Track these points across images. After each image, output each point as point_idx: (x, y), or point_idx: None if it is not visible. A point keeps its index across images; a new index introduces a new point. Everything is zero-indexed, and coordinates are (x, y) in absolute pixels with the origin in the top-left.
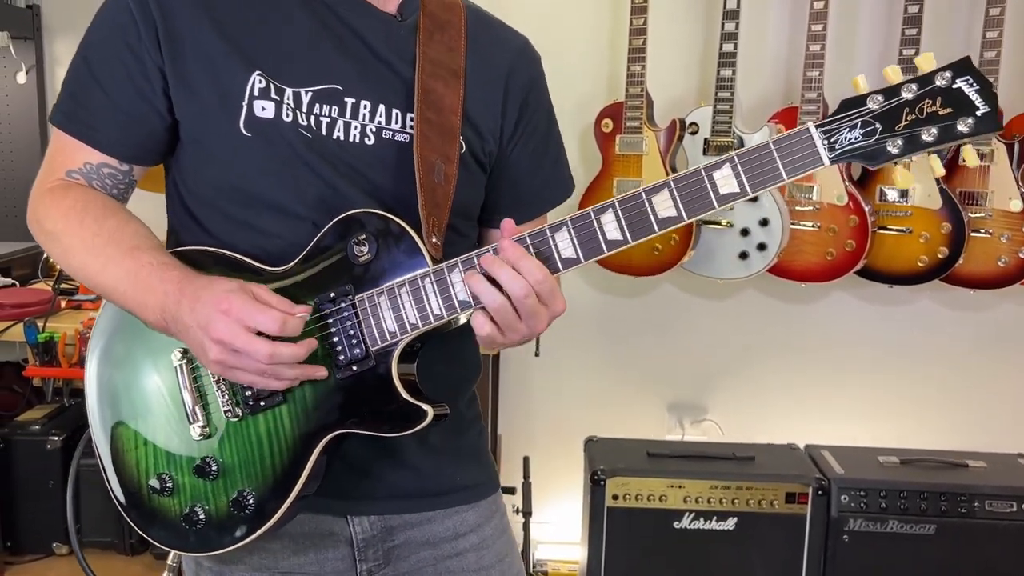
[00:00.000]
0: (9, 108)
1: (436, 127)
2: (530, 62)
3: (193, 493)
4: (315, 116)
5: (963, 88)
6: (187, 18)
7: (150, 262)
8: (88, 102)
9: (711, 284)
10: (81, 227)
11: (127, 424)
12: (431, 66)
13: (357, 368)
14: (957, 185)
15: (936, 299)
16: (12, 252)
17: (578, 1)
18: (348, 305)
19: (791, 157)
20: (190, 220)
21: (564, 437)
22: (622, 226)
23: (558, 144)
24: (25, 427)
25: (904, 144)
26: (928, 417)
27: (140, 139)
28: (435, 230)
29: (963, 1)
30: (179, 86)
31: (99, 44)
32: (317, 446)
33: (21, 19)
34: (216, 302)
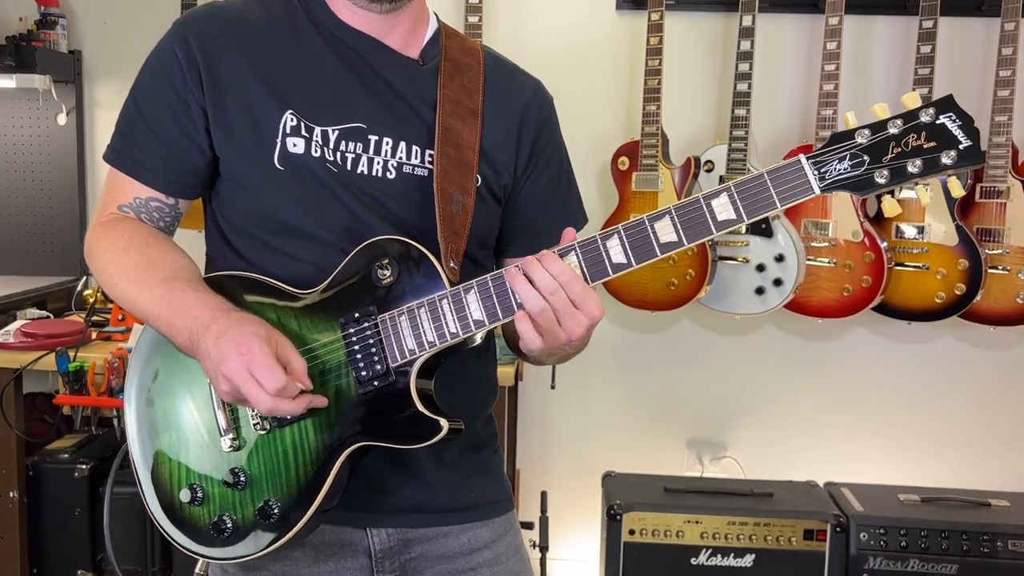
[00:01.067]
0: (49, 148)
1: (455, 161)
2: (542, 103)
3: (222, 502)
4: (341, 152)
5: (946, 124)
6: (227, 62)
7: (183, 288)
8: (137, 140)
9: (729, 320)
10: (126, 255)
11: (162, 438)
12: (451, 105)
13: (378, 383)
14: (974, 222)
15: (956, 336)
16: (48, 286)
17: (596, 43)
18: (371, 324)
19: (784, 186)
20: (227, 248)
21: (582, 472)
22: (626, 250)
23: (569, 179)
24: (54, 455)
25: (890, 175)
26: (950, 455)
27: (184, 174)
28: (453, 255)
29: (976, 40)
30: (219, 124)
31: (147, 88)
32: (339, 458)
33: (63, 64)
34: (239, 343)
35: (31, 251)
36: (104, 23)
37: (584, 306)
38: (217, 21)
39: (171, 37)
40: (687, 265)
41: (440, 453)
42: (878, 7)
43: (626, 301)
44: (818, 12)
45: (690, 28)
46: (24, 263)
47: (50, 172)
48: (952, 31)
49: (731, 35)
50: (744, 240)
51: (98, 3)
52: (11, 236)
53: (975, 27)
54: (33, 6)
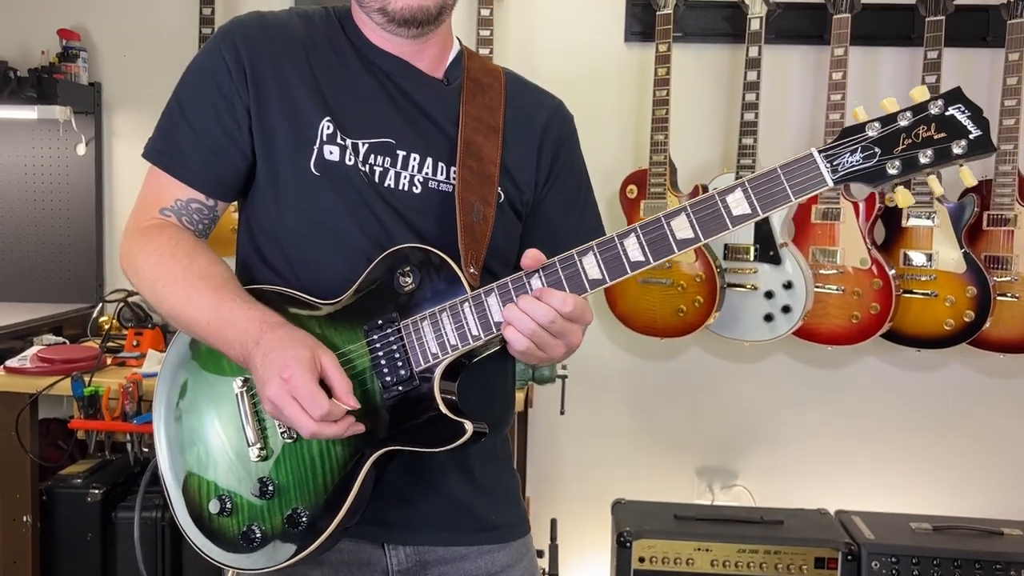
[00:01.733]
0: (68, 178)
1: (477, 174)
2: (563, 120)
3: (251, 512)
4: (371, 165)
5: (955, 115)
6: (272, 65)
7: (233, 299)
8: (178, 139)
9: (738, 347)
10: (173, 261)
11: (191, 451)
12: (473, 122)
13: (402, 388)
14: (982, 249)
15: (966, 363)
16: (64, 312)
17: (605, 74)
18: (394, 330)
19: (797, 179)
20: (255, 255)
21: (592, 500)
22: (644, 248)
23: (588, 195)
24: (67, 480)
25: (902, 165)
26: (962, 483)
27: (223, 175)
28: (473, 261)
29: (981, 70)
30: (261, 125)
31: (192, 89)
32: (366, 464)
33: (83, 95)
34: (282, 367)
35: (49, 278)
36: (124, 56)
37: (580, 319)
38: (262, 27)
39: (218, 40)
40: (696, 292)
41: (462, 467)
42: (883, 38)
43: (635, 328)
44: (824, 43)
45: (697, 59)
46: (42, 290)
47: (69, 201)
48: (957, 61)
49: (738, 65)
50: (752, 267)
51: (118, 37)
52: (30, 263)
53: (980, 57)
54: (55, 39)
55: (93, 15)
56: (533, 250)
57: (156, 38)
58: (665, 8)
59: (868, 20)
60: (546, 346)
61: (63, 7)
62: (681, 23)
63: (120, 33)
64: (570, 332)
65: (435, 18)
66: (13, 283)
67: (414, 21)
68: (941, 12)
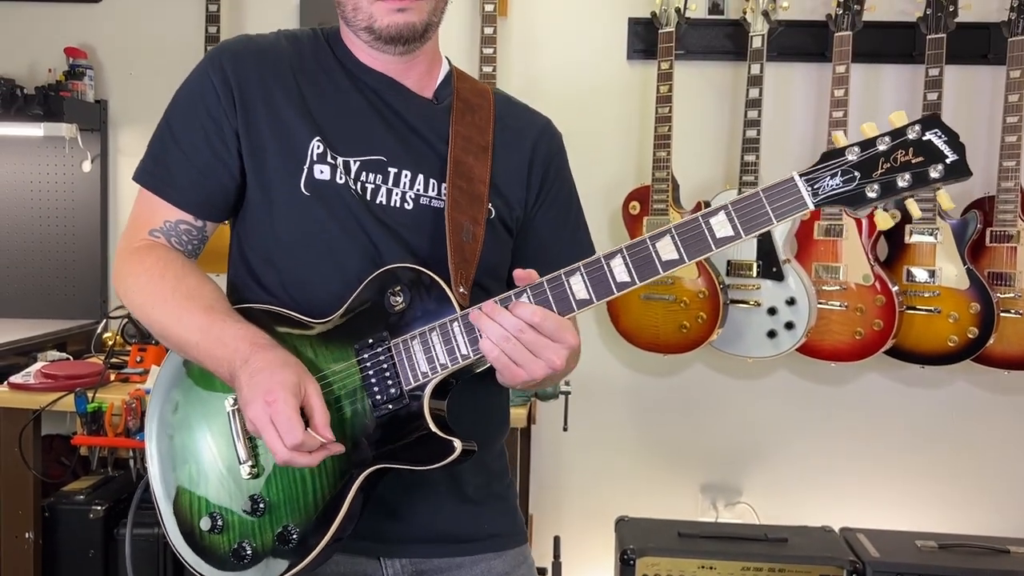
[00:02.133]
0: (74, 195)
1: (466, 193)
2: (551, 139)
3: (241, 530)
4: (362, 182)
5: (932, 139)
6: (261, 87)
7: (223, 319)
8: (168, 161)
9: (742, 364)
10: (162, 282)
11: (183, 469)
12: (463, 141)
13: (392, 407)
14: (985, 266)
15: (970, 380)
16: (68, 328)
17: (607, 92)
18: (384, 349)
19: (779, 203)
20: (247, 275)
21: (595, 517)
22: (629, 269)
23: (578, 212)
24: (70, 497)
25: (881, 189)
26: (967, 501)
27: (212, 197)
28: (463, 281)
29: (983, 87)
30: (251, 147)
31: (181, 110)
32: (356, 481)
33: (90, 112)
34: (267, 390)
35: (53, 295)
36: (130, 74)
37: (558, 337)
38: (251, 50)
39: (206, 63)
40: (699, 308)
41: (455, 481)
42: (885, 55)
43: (638, 344)
44: (826, 60)
45: (699, 77)
46: (46, 306)
47: (74, 217)
48: (958, 78)
49: (740, 83)
50: (755, 283)
51: (124, 55)
52: (34, 280)
53: (981, 74)
54: (63, 58)
55: (100, 34)
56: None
57: (162, 56)
58: (667, 26)
59: (869, 38)
60: (522, 361)
61: (71, 26)
62: (683, 41)
63: (126, 51)
64: (545, 348)
65: (421, 35)
66: (18, 299)
67: (400, 38)
68: (942, 30)
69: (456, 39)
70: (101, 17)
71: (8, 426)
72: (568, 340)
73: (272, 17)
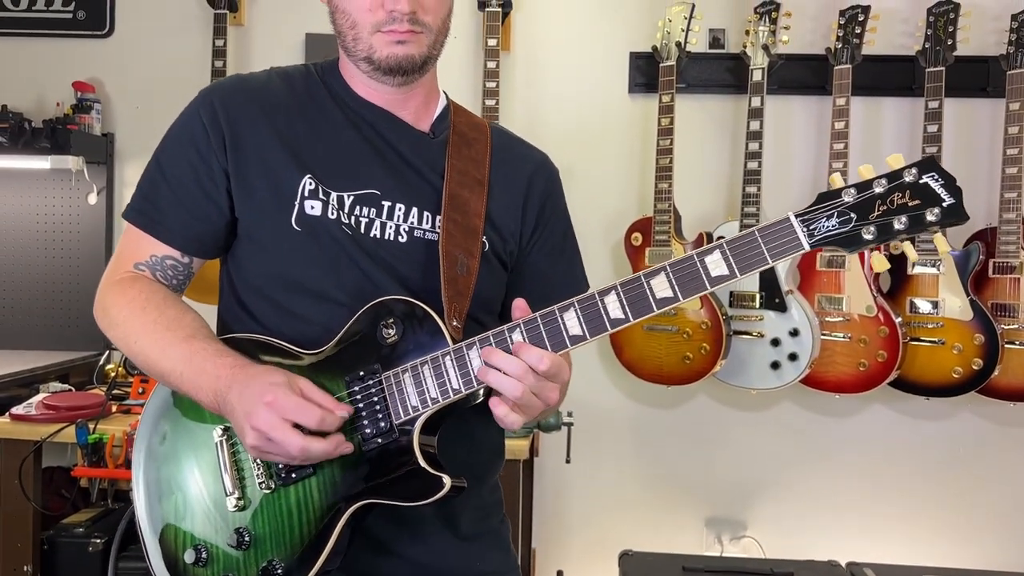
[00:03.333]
0: (80, 227)
1: (461, 227)
2: (548, 175)
3: (226, 563)
4: (355, 216)
5: (929, 183)
6: (250, 127)
7: (204, 348)
8: (157, 200)
9: (745, 395)
10: (144, 314)
11: (169, 500)
12: (459, 175)
13: (382, 440)
14: (988, 297)
15: (977, 413)
16: (70, 360)
17: (609, 125)
18: (375, 382)
19: (774, 243)
20: (239, 309)
21: (599, 551)
22: (624, 306)
23: (573, 248)
24: (69, 529)
25: (877, 231)
26: (975, 535)
27: (202, 234)
28: (456, 315)
29: (982, 120)
30: (240, 185)
31: (171, 150)
32: (343, 516)
33: (96, 145)
34: (261, 393)
35: (57, 326)
36: (136, 107)
37: (556, 377)
38: (242, 90)
39: (197, 103)
40: (702, 339)
41: (448, 517)
42: (884, 89)
43: (641, 375)
44: (826, 93)
45: (700, 110)
46: (49, 338)
47: (79, 250)
48: (958, 111)
49: (741, 115)
50: (758, 315)
51: (131, 89)
52: (39, 311)
53: (981, 107)
54: (71, 92)
55: (108, 68)
56: (520, 300)
57: (168, 91)
58: (668, 60)
59: (869, 71)
60: (527, 405)
61: (79, 60)
62: (684, 75)
63: (133, 86)
64: (547, 390)
65: (420, 67)
66: (21, 331)
67: (399, 70)
68: (941, 63)
69: (460, 73)
70: (109, 52)
71: (9, 457)
72: (564, 377)
73: (277, 53)
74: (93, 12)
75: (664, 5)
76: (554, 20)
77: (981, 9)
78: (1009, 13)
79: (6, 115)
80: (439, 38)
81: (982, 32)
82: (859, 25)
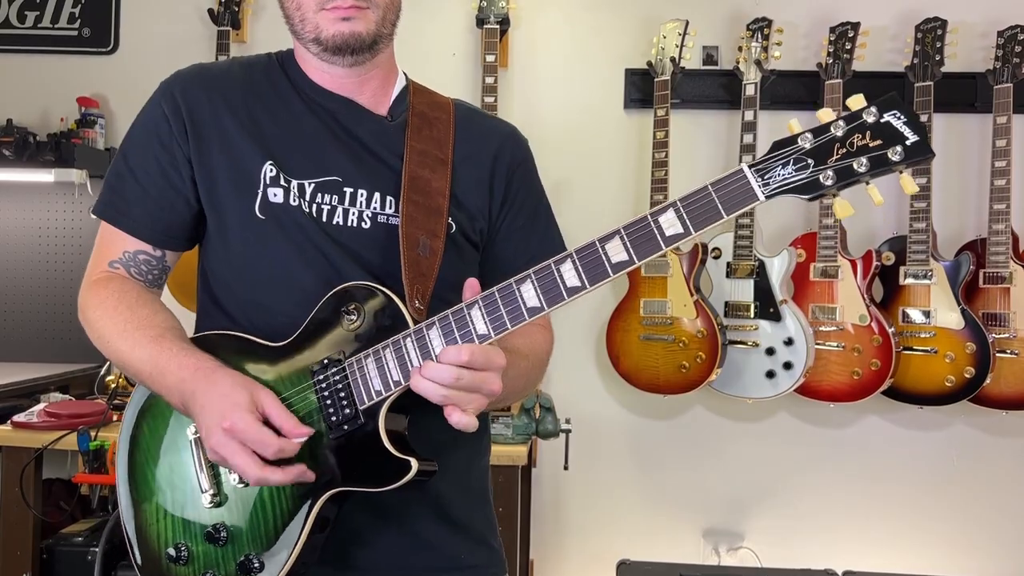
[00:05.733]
0: (81, 240)
1: (422, 208)
2: (515, 145)
3: (205, 560)
4: (317, 204)
5: (891, 121)
6: (211, 114)
7: (170, 348)
8: (124, 193)
9: (742, 406)
10: (116, 314)
11: (148, 498)
12: (419, 156)
13: (348, 427)
14: (979, 307)
15: (970, 423)
16: (71, 371)
17: (605, 138)
18: (339, 369)
19: (728, 195)
20: (210, 303)
21: (597, 561)
22: (580, 273)
23: (548, 217)
24: (68, 538)
25: (836, 175)
26: (971, 543)
27: (170, 226)
28: (419, 296)
29: (971, 134)
30: (203, 173)
31: (135, 143)
32: (315, 506)
33: (99, 160)
34: (221, 415)
35: (58, 338)
36: None
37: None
38: (202, 77)
39: (159, 93)
40: (698, 348)
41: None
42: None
43: (638, 385)
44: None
45: (694, 125)
46: (51, 351)
47: (81, 263)
48: (947, 126)
49: (734, 130)
50: (753, 324)
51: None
52: (40, 324)
53: (969, 122)
54: (75, 107)
55: (112, 84)
56: (472, 279)
57: None
58: (663, 75)
59: (860, 86)
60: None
61: (84, 76)
62: (678, 91)
63: (137, 102)
64: (484, 382)
65: (369, 46)
66: (23, 343)
67: (347, 47)
68: (929, 77)
69: (458, 89)
70: (114, 68)
71: (10, 465)
72: (497, 363)
73: None
74: (98, 30)
75: (659, 23)
76: (551, 37)
77: (968, 26)
78: (995, 30)
79: (11, 129)
80: (387, 15)
81: (969, 49)
82: (849, 41)
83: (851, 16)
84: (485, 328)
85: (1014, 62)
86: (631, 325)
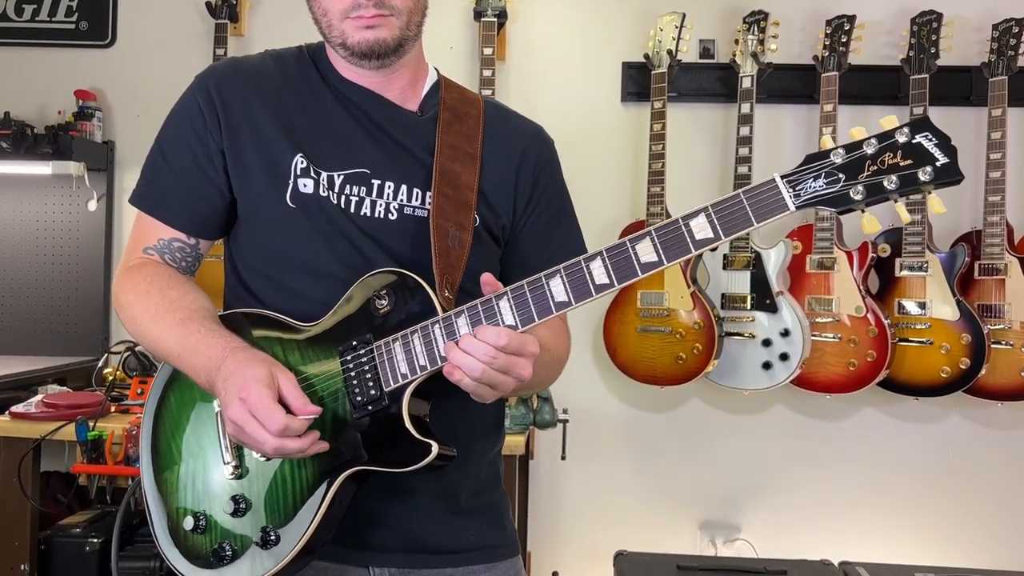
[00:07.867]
0: (79, 233)
1: (452, 200)
2: (542, 145)
3: (223, 530)
4: (346, 196)
5: (923, 142)
6: (244, 107)
7: (199, 329)
8: (160, 184)
9: (738, 398)
10: (148, 297)
11: (171, 467)
12: (449, 150)
13: (372, 408)
14: (975, 298)
15: (966, 415)
16: (68, 363)
17: (603, 132)
18: (367, 351)
19: (760, 204)
20: (241, 289)
21: (594, 552)
22: (609, 271)
23: (571, 218)
24: (66, 530)
25: (866, 191)
26: (966, 534)
27: (204, 215)
28: (448, 286)
29: (966, 127)
30: (236, 165)
31: (171, 134)
32: (335, 483)
33: (97, 152)
34: (239, 388)
35: (56, 331)
36: (137, 116)
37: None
38: (235, 72)
39: (194, 86)
40: (695, 339)
41: (443, 490)
42: (871, 97)
43: (635, 376)
44: (814, 102)
45: (691, 118)
46: (48, 343)
47: (78, 255)
48: (942, 118)
49: (731, 123)
50: (750, 316)
51: (132, 98)
52: (38, 316)
53: (964, 116)
54: (72, 100)
55: (110, 77)
56: (487, 274)
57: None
58: (659, 67)
59: (856, 80)
60: (495, 383)
61: (81, 70)
62: (675, 84)
63: (134, 95)
64: (515, 366)
65: (394, 50)
66: (21, 336)
67: (373, 54)
68: (925, 70)
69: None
70: (111, 62)
71: (8, 456)
72: (530, 350)
73: None
74: (96, 23)
75: (656, 16)
76: (548, 30)
77: (963, 19)
78: (990, 23)
79: (9, 122)
80: (412, 18)
81: (965, 43)
82: (845, 34)
83: (847, 9)
84: (513, 319)
85: (1009, 55)
86: (628, 317)
